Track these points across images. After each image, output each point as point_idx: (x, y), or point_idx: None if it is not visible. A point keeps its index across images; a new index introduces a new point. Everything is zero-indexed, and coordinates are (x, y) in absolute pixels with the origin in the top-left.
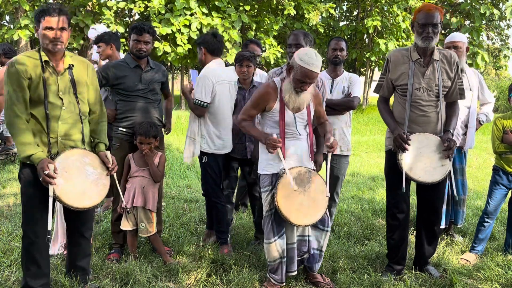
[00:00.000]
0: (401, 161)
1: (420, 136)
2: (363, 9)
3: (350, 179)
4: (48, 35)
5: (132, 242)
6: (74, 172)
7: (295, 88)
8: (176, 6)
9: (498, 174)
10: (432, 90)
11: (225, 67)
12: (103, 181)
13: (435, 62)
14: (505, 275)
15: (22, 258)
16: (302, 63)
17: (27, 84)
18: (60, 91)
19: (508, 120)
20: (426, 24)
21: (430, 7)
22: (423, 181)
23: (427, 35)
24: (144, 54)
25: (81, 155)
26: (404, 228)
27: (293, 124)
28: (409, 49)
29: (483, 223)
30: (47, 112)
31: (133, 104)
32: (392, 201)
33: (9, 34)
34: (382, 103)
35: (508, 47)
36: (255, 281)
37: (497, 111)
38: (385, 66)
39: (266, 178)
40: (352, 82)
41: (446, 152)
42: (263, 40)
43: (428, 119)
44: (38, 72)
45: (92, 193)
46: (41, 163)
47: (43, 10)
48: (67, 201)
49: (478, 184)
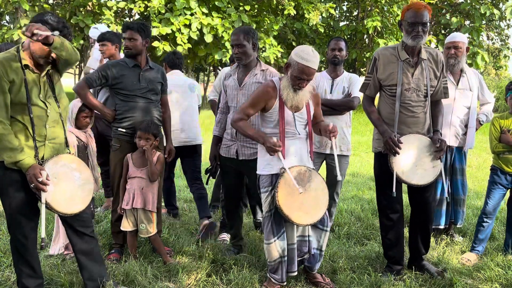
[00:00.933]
0: (392, 164)
1: (411, 138)
2: (363, 9)
3: (350, 179)
4: (44, 52)
5: (132, 243)
6: (63, 178)
7: (293, 85)
8: (176, 6)
9: (496, 174)
10: (420, 90)
11: (179, 76)
12: (89, 186)
13: (423, 62)
14: (505, 275)
15: (13, 260)
16: (298, 60)
17: (8, 87)
18: (42, 94)
19: (506, 120)
20: (416, 23)
21: (419, 5)
22: (416, 183)
23: (417, 34)
24: (129, 51)
25: (68, 160)
26: (399, 227)
27: (292, 124)
28: (396, 48)
29: (482, 223)
30: (31, 116)
31: (133, 104)
32: (384, 202)
33: (9, 34)
34: (368, 103)
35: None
36: (255, 281)
37: (497, 111)
38: (372, 64)
39: (266, 178)
40: (352, 82)
41: (438, 153)
42: (263, 40)
43: (417, 119)
44: (20, 74)
45: (79, 198)
46: (32, 169)
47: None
48: (57, 208)
49: (478, 184)
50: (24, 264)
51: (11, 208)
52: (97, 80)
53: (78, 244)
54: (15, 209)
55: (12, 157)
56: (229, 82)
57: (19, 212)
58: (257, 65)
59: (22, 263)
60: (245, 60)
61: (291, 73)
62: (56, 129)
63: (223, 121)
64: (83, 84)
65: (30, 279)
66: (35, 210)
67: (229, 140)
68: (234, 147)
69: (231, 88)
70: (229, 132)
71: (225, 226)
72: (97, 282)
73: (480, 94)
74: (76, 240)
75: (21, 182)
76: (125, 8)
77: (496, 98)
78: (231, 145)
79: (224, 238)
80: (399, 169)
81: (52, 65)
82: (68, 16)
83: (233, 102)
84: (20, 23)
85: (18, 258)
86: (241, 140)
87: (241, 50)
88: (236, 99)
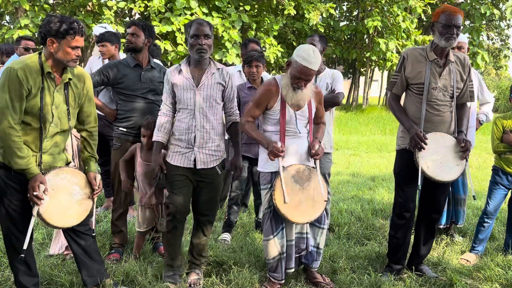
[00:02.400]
0: (418, 159)
1: (437, 135)
2: (363, 9)
3: (350, 179)
4: (74, 54)
5: (139, 243)
6: (61, 191)
7: (292, 84)
8: (176, 6)
9: (497, 174)
10: (447, 91)
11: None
12: (87, 202)
13: (450, 64)
14: (505, 275)
15: (9, 258)
16: (299, 60)
17: (26, 94)
18: (54, 105)
19: (509, 120)
20: (451, 26)
21: (455, 9)
22: (440, 179)
23: (451, 35)
24: (130, 45)
25: (71, 174)
26: (409, 227)
27: (293, 122)
28: (425, 49)
29: (483, 223)
30: (42, 125)
31: (134, 104)
32: (400, 200)
33: (9, 34)
34: (394, 101)
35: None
36: (255, 281)
37: (497, 111)
38: (401, 63)
39: (266, 175)
40: (335, 78)
41: (463, 153)
42: (263, 40)
43: (443, 118)
44: (38, 82)
45: (74, 213)
46: (33, 180)
47: (74, 28)
48: (48, 220)
49: (478, 184)
50: (20, 262)
51: (6, 205)
52: (99, 80)
53: (74, 242)
54: (11, 207)
55: (19, 164)
56: (180, 81)
57: (14, 210)
58: (211, 63)
59: (17, 261)
60: (208, 54)
61: (291, 71)
62: (52, 142)
63: (167, 125)
64: None
65: (26, 277)
66: (29, 214)
67: (184, 148)
68: (192, 155)
69: (184, 88)
70: (183, 139)
71: (227, 225)
72: (96, 278)
73: (479, 94)
74: (72, 238)
75: (20, 186)
76: (125, 8)
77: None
78: (187, 152)
79: (225, 238)
80: (425, 164)
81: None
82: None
83: (189, 105)
84: (20, 23)
85: (14, 257)
86: (201, 147)
87: (208, 42)
88: (193, 100)
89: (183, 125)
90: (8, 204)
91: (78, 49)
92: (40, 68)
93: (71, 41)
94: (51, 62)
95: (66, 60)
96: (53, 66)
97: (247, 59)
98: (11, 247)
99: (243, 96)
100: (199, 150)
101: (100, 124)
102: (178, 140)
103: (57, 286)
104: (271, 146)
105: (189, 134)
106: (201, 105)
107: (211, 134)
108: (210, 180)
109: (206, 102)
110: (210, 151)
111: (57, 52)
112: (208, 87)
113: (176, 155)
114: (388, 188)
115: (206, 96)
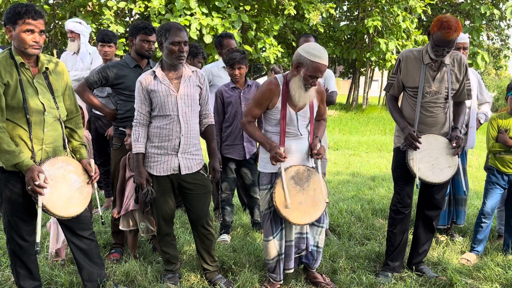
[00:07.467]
0: (410, 160)
1: (430, 138)
2: (363, 9)
3: (350, 179)
4: (29, 39)
5: (133, 242)
6: (59, 181)
7: (305, 84)
8: (176, 7)
9: (493, 174)
10: (441, 93)
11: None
12: (87, 189)
13: (445, 66)
14: (505, 275)
15: (10, 262)
16: (311, 58)
17: (3, 90)
18: (40, 95)
19: (504, 120)
20: (441, 47)
21: (450, 32)
22: (430, 181)
23: (441, 54)
24: (152, 53)
25: (65, 162)
26: (406, 221)
27: (295, 123)
28: (421, 51)
29: (481, 223)
30: (28, 117)
31: (133, 104)
32: (397, 196)
33: None
34: (391, 102)
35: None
36: (255, 281)
37: (496, 111)
38: (397, 65)
39: (266, 176)
40: (327, 77)
41: (455, 150)
42: (263, 40)
43: (436, 120)
44: (15, 74)
45: (77, 201)
46: (30, 172)
47: (23, 11)
48: (54, 211)
49: (478, 184)
50: (21, 267)
51: (8, 211)
52: (98, 81)
53: (76, 245)
54: (13, 213)
55: (10, 160)
56: (158, 88)
57: (17, 216)
58: (184, 67)
59: (19, 265)
60: (184, 60)
61: (305, 72)
62: (54, 132)
63: (144, 134)
64: (84, 85)
65: (28, 281)
66: (32, 214)
67: (164, 155)
68: (175, 161)
69: (164, 94)
70: (165, 146)
71: (224, 226)
72: (96, 283)
73: (478, 93)
74: (74, 241)
75: (19, 186)
76: (125, 8)
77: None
78: (168, 160)
79: (224, 239)
80: (415, 166)
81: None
82: (68, 16)
83: (172, 111)
84: None
85: (15, 261)
86: (184, 152)
87: (187, 48)
88: (176, 106)
89: (165, 132)
90: (11, 210)
91: (33, 33)
92: (13, 61)
93: (22, 25)
94: (19, 52)
95: (24, 47)
96: (22, 57)
97: (229, 62)
98: (13, 252)
99: (226, 96)
100: (183, 156)
101: (100, 125)
102: (158, 147)
103: (57, 286)
104: (273, 151)
105: (173, 140)
106: (184, 109)
107: (193, 138)
108: (200, 184)
109: (189, 106)
110: (192, 155)
111: (15, 40)
112: (189, 91)
113: (157, 165)
114: (388, 188)
115: (187, 100)
